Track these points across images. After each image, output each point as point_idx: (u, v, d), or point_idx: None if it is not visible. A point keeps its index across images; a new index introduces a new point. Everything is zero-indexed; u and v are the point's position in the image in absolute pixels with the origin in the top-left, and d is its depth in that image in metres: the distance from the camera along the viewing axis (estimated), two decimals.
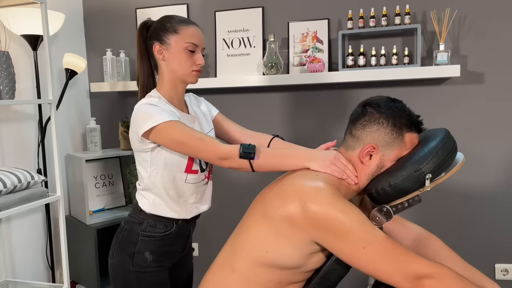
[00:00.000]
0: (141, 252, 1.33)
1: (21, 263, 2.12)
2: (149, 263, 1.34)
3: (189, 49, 1.33)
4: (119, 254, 1.36)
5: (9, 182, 1.64)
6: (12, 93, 1.78)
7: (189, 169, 1.34)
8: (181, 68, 1.33)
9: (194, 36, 1.33)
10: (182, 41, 1.32)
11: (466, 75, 2.03)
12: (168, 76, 1.36)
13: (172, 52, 1.33)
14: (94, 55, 2.57)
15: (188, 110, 1.44)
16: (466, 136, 2.06)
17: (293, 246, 1.07)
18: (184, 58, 1.33)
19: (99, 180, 2.42)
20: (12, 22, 1.94)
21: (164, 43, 1.33)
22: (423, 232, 1.32)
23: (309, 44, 2.18)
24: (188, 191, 1.37)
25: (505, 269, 2.07)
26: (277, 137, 1.52)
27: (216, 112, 1.57)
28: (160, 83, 1.38)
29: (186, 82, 1.37)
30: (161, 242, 1.36)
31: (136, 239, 1.34)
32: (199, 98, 1.55)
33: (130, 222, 1.38)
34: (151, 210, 1.35)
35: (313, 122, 2.25)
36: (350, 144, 1.17)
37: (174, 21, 1.34)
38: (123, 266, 1.34)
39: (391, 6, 2.07)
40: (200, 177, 1.39)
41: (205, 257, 2.48)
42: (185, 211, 1.38)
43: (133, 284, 1.33)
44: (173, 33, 1.32)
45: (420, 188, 1.09)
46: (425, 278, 0.98)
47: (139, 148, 1.33)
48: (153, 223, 1.35)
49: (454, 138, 1.15)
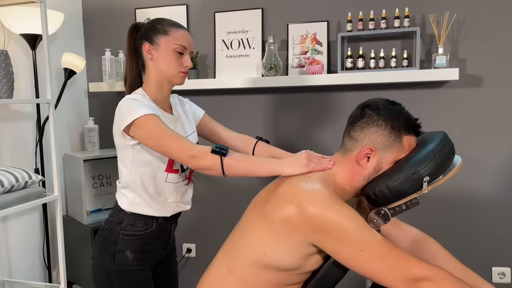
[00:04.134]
0: (122, 251, 1.34)
1: (17, 263, 2.12)
2: (130, 261, 1.34)
3: (178, 50, 1.35)
4: (100, 254, 1.37)
5: (7, 181, 1.63)
6: (11, 92, 1.78)
7: (169, 168, 1.36)
8: (169, 68, 1.35)
9: (183, 39, 1.36)
10: (172, 43, 1.34)
11: (465, 78, 2.03)
12: (155, 76, 1.37)
13: (161, 52, 1.35)
14: (93, 55, 2.57)
15: (172, 111, 1.45)
16: (464, 139, 2.06)
17: (290, 248, 1.07)
18: (172, 59, 1.35)
19: (97, 180, 2.41)
20: (11, 21, 1.93)
21: (153, 43, 1.35)
22: (421, 235, 1.32)
23: (308, 46, 2.18)
24: (168, 190, 1.38)
25: (502, 272, 2.07)
26: (261, 140, 1.54)
27: (202, 113, 1.58)
28: (146, 83, 1.40)
29: (173, 83, 1.39)
30: (142, 240, 1.37)
31: (117, 238, 1.35)
32: (183, 99, 1.56)
33: (111, 222, 1.39)
34: (130, 208, 1.36)
35: (312, 124, 2.25)
36: (348, 146, 1.17)
37: (165, 23, 1.37)
38: (105, 266, 1.35)
39: (391, 9, 2.08)
40: (180, 177, 1.40)
41: (203, 258, 2.47)
42: (165, 208, 1.39)
43: (115, 283, 1.34)
44: (163, 34, 1.34)
45: (418, 191, 1.09)
46: (422, 281, 0.99)
47: (121, 143, 1.34)
48: (133, 222, 1.36)
49: (452, 141, 1.15)
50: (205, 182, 2.42)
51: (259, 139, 1.54)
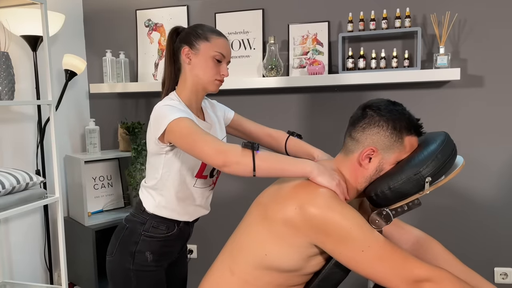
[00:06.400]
0: (142, 251, 1.35)
1: (19, 264, 2.12)
2: (149, 262, 1.36)
3: (217, 58, 1.34)
4: (119, 252, 1.37)
5: (8, 183, 1.63)
6: (12, 93, 1.78)
7: (200, 174, 1.36)
8: (205, 75, 1.34)
9: (223, 47, 1.35)
10: (211, 49, 1.33)
11: (466, 78, 2.03)
12: (191, 81, 1.36)
13: (200, 58, 1.34)
14: (94, 56, 2.57)
15: (204, 116, 1.45)
16: (465, 139, 2.06)
17: (292, 249, 1.07)
18: (210, 65, 1.34)
19: (98, 182, 2.41)
20: (12, 23, 1.93)
21: (193, 48, 1.34)
22: (423, 236, 1.31)
23: (309, 46, 2.18)
24: (195, 195, 1.39)
25: (504, 272, 2.06)
26: (292, 134, 1.55)
27: (232, 113, 1.58)
28: (181, 87, 1.38)
29: (207, 90, 1.38)
30: (162, 243, 1.38)
31: (138, 239, 1.36)
32: (213, 103, 1.55)
33: (133, 222, 1.39)
34: (155, 211, 1.37)
35: (313, 124, 2.25)
36: (350, 146, 1.16)
37: (206, 29, 1.36)
38: (123, 264, 1.35)
39: (392, 9, 2.07)
40: (208, 182, 1.41)
41: (204, 259, 2.47)
42: (188, 213, 1.40)
43: (132, 282, 1.35)
44: (204, 40, 1.34)
45: (419, 192, 1.08)
46: (424, 282, 0.98)
47: (155, 150, 1.33)
48: (156, 224, 1.37)
49: (453, 141, 1.15)
50: None
51: (291, 133, 1.54)
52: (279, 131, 1.58)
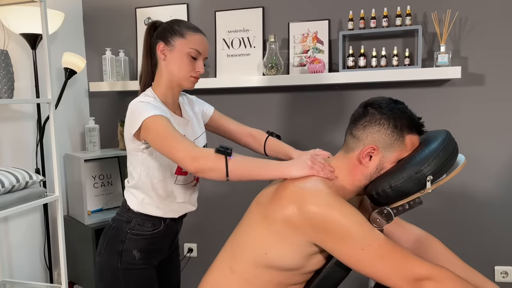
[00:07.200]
0: (129, 250, 1.35)
1: (19, 263, 2.11)
2: (137, 260, 1.36)
3: (192, 55, 1.34)
4: (107, 252, 1.37)
5: (7, 181, 1.63)
6: (11, 92, 1.77)
7: (179, 170, 1.36)
8: (180, 71, 1.34)
9: (199, 43, 1.34)
10: (187, 46, 1.33)
11: (467, 76, 2.02)
12: (166, 77, 1.36)
13: (175, 54, 1.33)
14: (94, 55, 2.56)
15: (181, 112, 1.44)
16: (467, 138, 2.05)
17: (292, 248, 1.07)
18: (185, 62, 1.34)
19: (98, 180, 2.41)
20: (11, 21, 1.93)
21: (168, 44, 1.34)
22: (423, 234, 1.31)
23: (309, 44, 2.17)
24: (177, 192, 1.39)
25: (505, 271, 2.06)
26: (271, 135, 1.55)
27: (212, 110, 1.58)
28: (156, 83, 1.39)
29: (182, 86, 1.38)
30: (149, 240, 1.38)
31: (125, 237, 1.36)
32: (191, 98, 1.55)
33: (118, 221, 1.39)
34: (139, 209, 1.37)
35: (313, 123, 2.24)
36: (351, 144, 1.16)
37: (183, 25, 1.35)
38: (111, 264, 1.36)
39: (392, 7, 2.07)
40: (189, 178, 1.41)
41: (204, 258, 2.47)
42: (173, 210, 1.40)
43: (120, 281, 1.35)
44: (179, 36, 1.33)
45: (421, 190, 1.08)
46: (425, 280, 0.98)
47: (132, 148, 1.34)
48: (141, 222, 1.37)
49: (455, 140, 1.14)
50: (207, 181, 2.42)
51: (270, 134, 1.55)
52: (259, 131, 1.57)
